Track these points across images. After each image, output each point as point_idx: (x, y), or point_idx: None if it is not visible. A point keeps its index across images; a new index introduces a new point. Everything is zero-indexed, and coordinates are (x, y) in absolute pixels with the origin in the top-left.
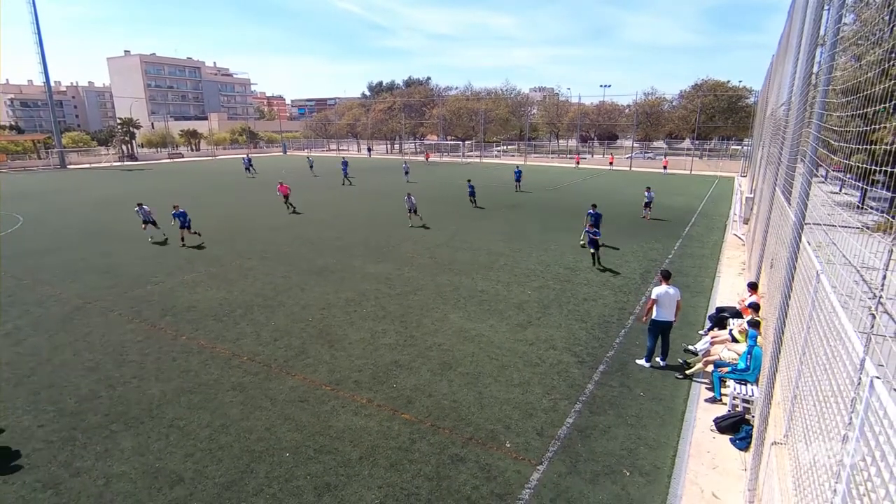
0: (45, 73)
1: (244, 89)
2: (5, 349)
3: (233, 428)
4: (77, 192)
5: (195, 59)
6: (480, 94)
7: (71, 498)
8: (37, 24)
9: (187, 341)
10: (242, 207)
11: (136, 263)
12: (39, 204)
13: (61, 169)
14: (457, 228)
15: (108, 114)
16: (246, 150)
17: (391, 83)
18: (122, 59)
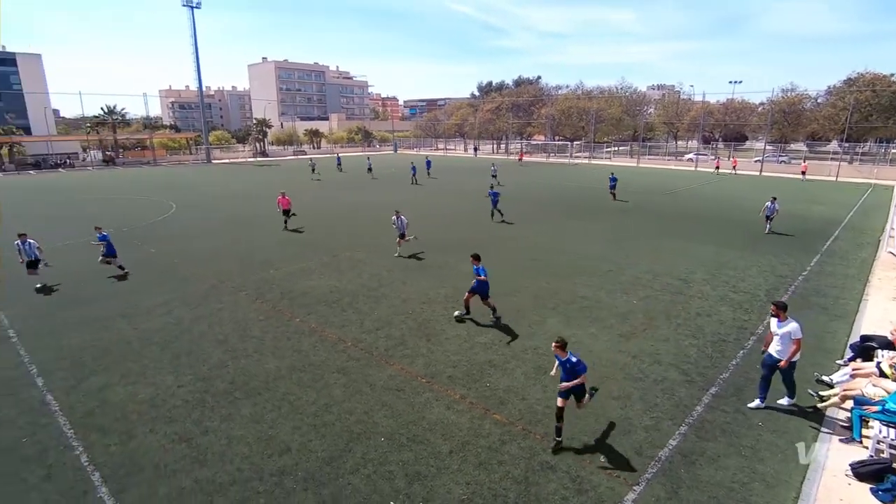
0: (199, 80)
1: (362, 91)
2: (159, 317)
3: (335, 408)
4: (219, 185)
5: (321, 64)
6: (592, 93)
7: (200, 453)
8: (195, 37)
9: (300, 323)
10: (353, 201)
11: (262, 250)
12: (189, 193)
13: (207, 163)
14: (559, 231)
15: (246, 115)
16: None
17: (500, 83)
18: (260, 65)
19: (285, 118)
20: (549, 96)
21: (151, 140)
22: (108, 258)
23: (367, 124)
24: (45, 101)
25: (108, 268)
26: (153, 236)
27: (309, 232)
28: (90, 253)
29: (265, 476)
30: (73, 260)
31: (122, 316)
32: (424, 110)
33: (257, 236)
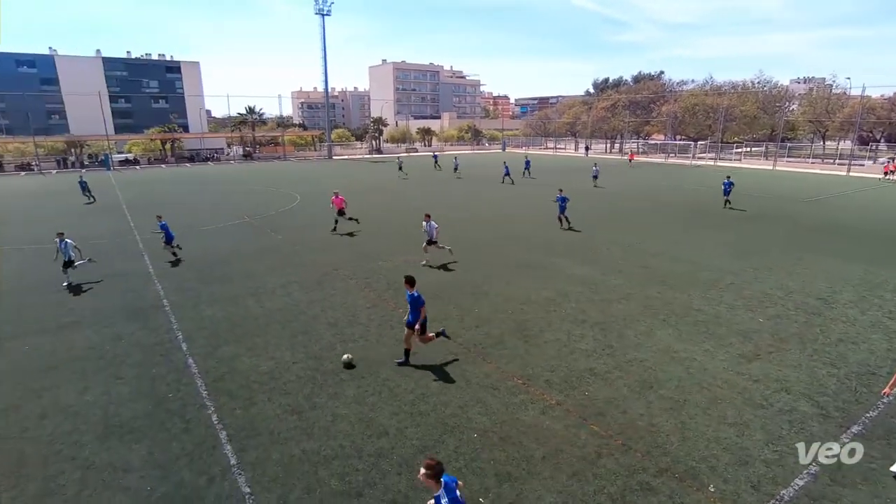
0: (326, 82)
1: (474, 90)
2: (280, 297)
3: (432, 399)
4: (337, 179)
5: (435, 64)
6: (723, 88)
7: (308, 426)
8: (324, 43)
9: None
10: (460, 199)
11: (371, 242)
12: (312, 186)
13: (328, 159)
14: (674, 238)
15: (365, 114)
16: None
17: (618, 79)
18: (380, 67)
19: (400, 117)
20: (671, 93)
21: (283, 137)
22: (168, 244)
23: (478, 123)
24: (201, 102)
25: (242, 250)
26: (280, 225)
27: (414, 227)
28: (231, 236)
29: (364, 455)
30: (216, 242)
31: (252, 294)
32: (535, 108)
33: (368, 228)
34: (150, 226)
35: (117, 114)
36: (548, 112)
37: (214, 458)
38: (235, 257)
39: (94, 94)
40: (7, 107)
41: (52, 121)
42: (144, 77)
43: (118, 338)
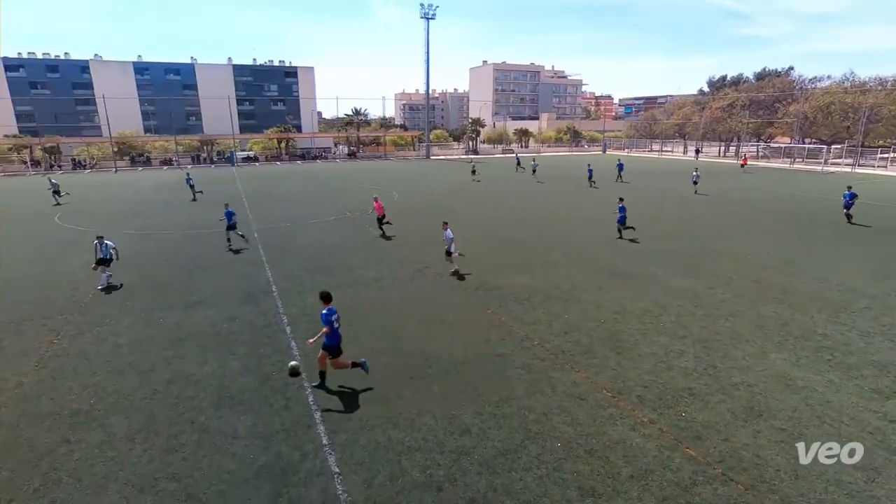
0: (427, 84)
1: (575, 90)
2: (375, 291)
3: (515, 403)
4: (433, 178)
5: (536, 64)
6: (867, 85)
7: (394, 415)
8: (427, 46)
9: (491, 315)
10: (551, 200)
11: (462, 241)
12: (409, 185)
13: (426, 159)
14: (795, 251)
15: (463, 115)
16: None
17: (737, 77)
18: (480, 68)
19: (497, 118)
20: (801, 91)
21: (384, 137)
22: (230, 229)
23: (577, 124)
24: (313, 105)
25: (343, 244)
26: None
27: (503, 230)
28: (333, 230)
29: (445, 451)
30: (320, 235)
31: (349, 286)
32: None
33: (460, 229)
34: (263, 216)
35: (242, 115)
36: (654, 112)
37: (308, 437)
38: (336, 250)
39: (225, 98)
40: (156, 109)
41: (189, 122)
42: (266, 81)
43: (233, 318)
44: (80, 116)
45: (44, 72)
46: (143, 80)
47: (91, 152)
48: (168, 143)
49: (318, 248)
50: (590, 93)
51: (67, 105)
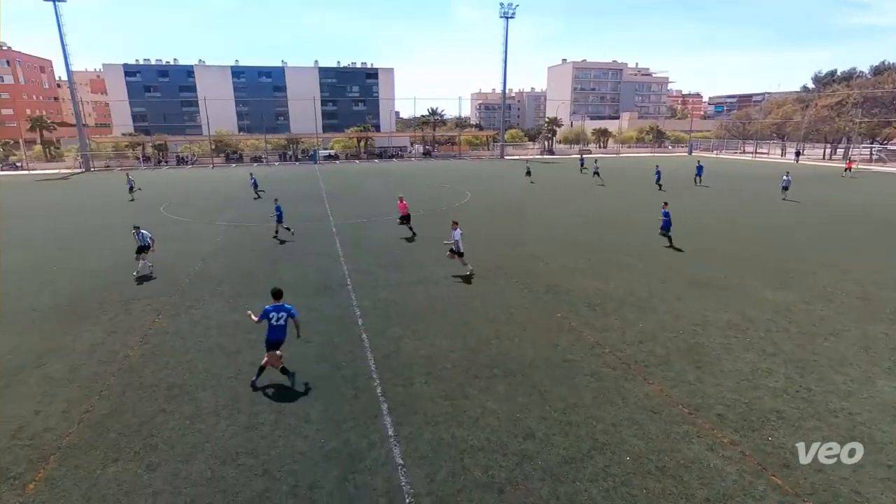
0: (504, 83)
1: (660, 88)
2: (444, 288)
3: (583, 410)
4: (505, 178)
5: (618, 62)
6: None
7: (458, 413)
8: (506, 45)
9: (561, 319)
10: (624, 202)
11: (534, 243)
12: (482, 185)
13: (500, 159)
14: None
15: (540, 114)
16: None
17: (850, 72)
18: (559, 67)
19: (575, 117)
20: None
21: (459, 137)
22: (280, 222)
23: (661, 123)
24: (391, 105)
25: (415, 241)
26: (449, 219)
27: (575, 232)
28: (403, 228)
29: (508, 453)
30: (394, 231)
31: (420, 282)
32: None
33: (531, 229)
34: (341, 212)
35: (325, 115)
36: (749, 111)
37: (375, 427)
38: (409, 247)
39: (310, 99)
40: (249, 110)
41: (278, 121)
42: (348, 83)
43: (310, 308)
44: (184, 117)
45: (156, 76)
46: (238, 83)
47: (192, 149)
48: (258, 141)
49: (391, 245)
50: (676, 91)
51: (174, 106)
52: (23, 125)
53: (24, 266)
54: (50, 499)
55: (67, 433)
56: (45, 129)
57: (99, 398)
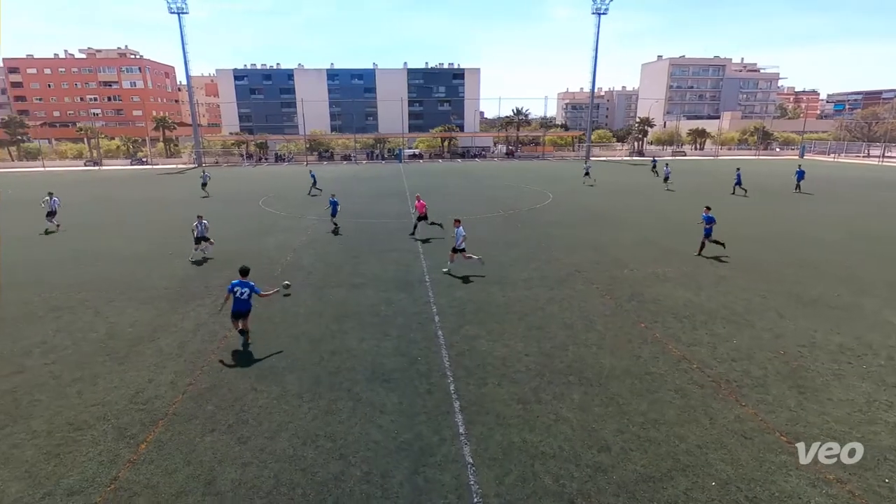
0: (593, 82)
1: (768, 85)
2: (521, 290)
3: (664, 427)
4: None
5: (721, 58)
6: None
7: (531, 417)
8: (597, 42)
9: (645, 329)
10: (724, 210)
11: (617, 247)
12: (565, 186)
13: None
14: None
15: (630, 114)
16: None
17: None
18: (654, 63)
19: (670, 117)
20: None
21: (543, 137)
22: (333, 216)
23: (769, 124)
24: (476, 105)
25: (493, 241)
26: (529, 221)
27: (666, 238)
28: (486, 226)
29: (581, 464)
30: (472, 231)
31: (496, 283)
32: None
33: (615, 233)
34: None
35: (412, 115)
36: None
37: (447, 423)
38: (487, 247)
39: (398, 100)
40: (341, 111)
41: (367, 121)
42: (435, 83)
43: (390, 302)
44: (283, 117)
45: (260, 80)
46: (333, 85)
47: (289, 147)
48: (348, 140)
49: (469, 244)
50: (788, 88)
51: (275, 107)
52: (149, 125)
53: (147, 251)
54: (157, 458)
55: (174, 401)
56: (166, 129)
57: (200, 373)
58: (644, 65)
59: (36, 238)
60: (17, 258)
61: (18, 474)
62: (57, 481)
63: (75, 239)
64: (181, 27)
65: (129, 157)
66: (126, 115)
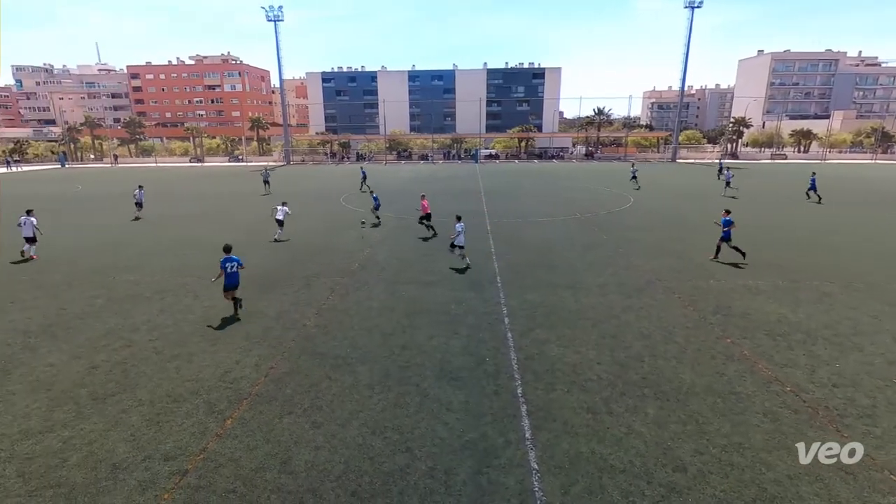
0: (683, 80)
1: (892, 80)
2: (596, 296)
3: (750, 453)
4: (673, 183)
5: (833, 51)
6: None
7: (600, 428)
8: (688, 38)
9: (731, 345)
10: (829, 219)
11: (703, 256)
12: (647, 190)
13: (671, 162)
14: None
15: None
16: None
17: None
18: (753, 59)
19: (770, 117)
20: None
21: (626, 138)
22: (376, 210)
23: (889, 123)
24: (556, 105)
25: (569, 244)
26: (608, 225)
27: (760, 248)
28: (561, 229)
29: (653, 483)
30: (547, 233)
31: (569, 287)
32: None
33: (701, 240)
34: (497, 210)
35: (489, 115)
36: None
37: (513, 426)
38: (561, 250)
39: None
40: (420, 111)
41: (445, 122)
42: (514, 83)
43: (460, 301)
44: (365, 118)
45: (346, 82)
46: (413, 86)
47: (370, 147)
48: (426, 140)
49: (544, 246)
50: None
51: (358, 108)
52: (245, 125)
53: (238, 240)
54: (241, 434)
55: (257, 383)
56: (260, 129)
57: (281, 358)
58: (741, 60)
59: (134, 226)
60: (123, 244)
61: (125, 437)
62: (156, 446)
63: (176, 227)
64: (276, 34)
65: (227, 154)
66: (226, 116)
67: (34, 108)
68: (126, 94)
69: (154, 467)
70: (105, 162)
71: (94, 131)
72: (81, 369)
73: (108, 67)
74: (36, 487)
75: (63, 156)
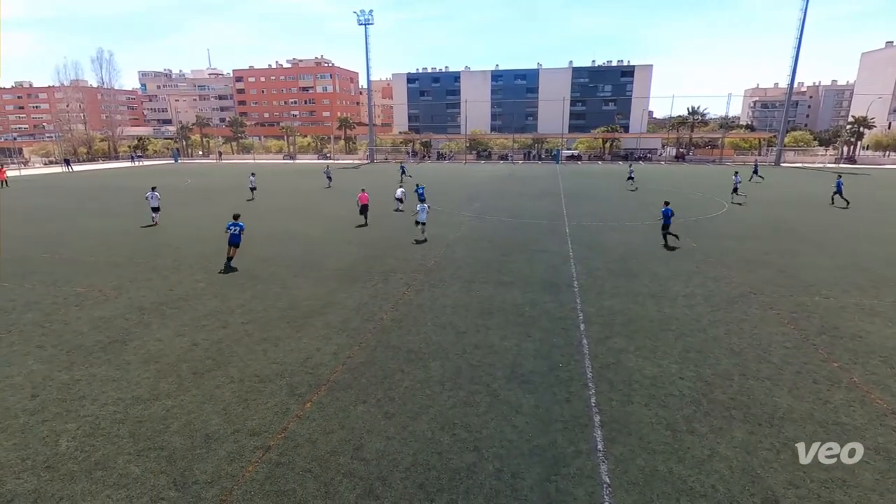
0: (792, 76)
1: None
2: (681, 307)
3: (856, 492)
4: (773, 189)
5: None
6: None
7: (680, 448)
8: (801, 30)
9: (838, 370)
10: None
11: (808, 270)
12: (745, 196)
13: (774, 165)
14: None
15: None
16: None
17: None
18: (880, 52)
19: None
20: None
21: (722, 139)
22: (420, 200)
23: None
24: (645, 104)
25: (653, 251)
26: (698, 232)
27: (879, 263)
28: (645, 234)
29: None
30: (630, 238)
31: (652, 296)
32: None
33: (806, 252)
34: (576, 213)
35: (573, 115)
36: None
37: (584, 436)
38: (645, 256)
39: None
40: (502, 111)
41: (527, 121)
42: (601, 82)
43: (535, 303)
44: (447, 117)
45: (430, 82)
46: (496, 86)
47: (451, 146)
48: (506, 140)
49: (625, 252)
50: None
51: (440, 108)
52: (334, 124)
53: (323, 235)
54: (318, 418)
55: (335, 370)
56: (348, 128)
57: (358, 348)
58: (864, 54)
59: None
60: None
61: (217, 410)
62: (243, 422)
63: (269, 220)
64: (367, 37)
65: (317, 152)
66: (317, 116)
67: (155, 109)
68: (231, 96)
69: (241, 440)
70: (211, 158)
71: (202, 130)
72: (184, 345)
73: (216, 72)
74: (143, 448)
75: (177, 152)
